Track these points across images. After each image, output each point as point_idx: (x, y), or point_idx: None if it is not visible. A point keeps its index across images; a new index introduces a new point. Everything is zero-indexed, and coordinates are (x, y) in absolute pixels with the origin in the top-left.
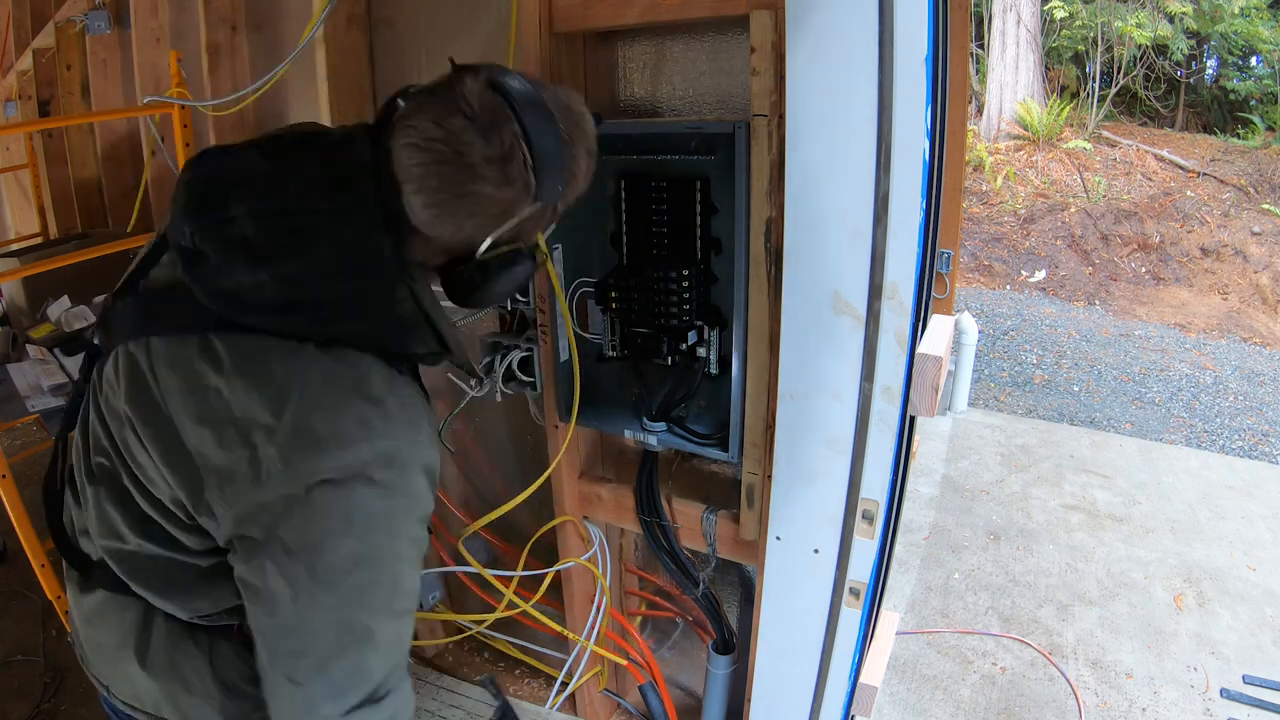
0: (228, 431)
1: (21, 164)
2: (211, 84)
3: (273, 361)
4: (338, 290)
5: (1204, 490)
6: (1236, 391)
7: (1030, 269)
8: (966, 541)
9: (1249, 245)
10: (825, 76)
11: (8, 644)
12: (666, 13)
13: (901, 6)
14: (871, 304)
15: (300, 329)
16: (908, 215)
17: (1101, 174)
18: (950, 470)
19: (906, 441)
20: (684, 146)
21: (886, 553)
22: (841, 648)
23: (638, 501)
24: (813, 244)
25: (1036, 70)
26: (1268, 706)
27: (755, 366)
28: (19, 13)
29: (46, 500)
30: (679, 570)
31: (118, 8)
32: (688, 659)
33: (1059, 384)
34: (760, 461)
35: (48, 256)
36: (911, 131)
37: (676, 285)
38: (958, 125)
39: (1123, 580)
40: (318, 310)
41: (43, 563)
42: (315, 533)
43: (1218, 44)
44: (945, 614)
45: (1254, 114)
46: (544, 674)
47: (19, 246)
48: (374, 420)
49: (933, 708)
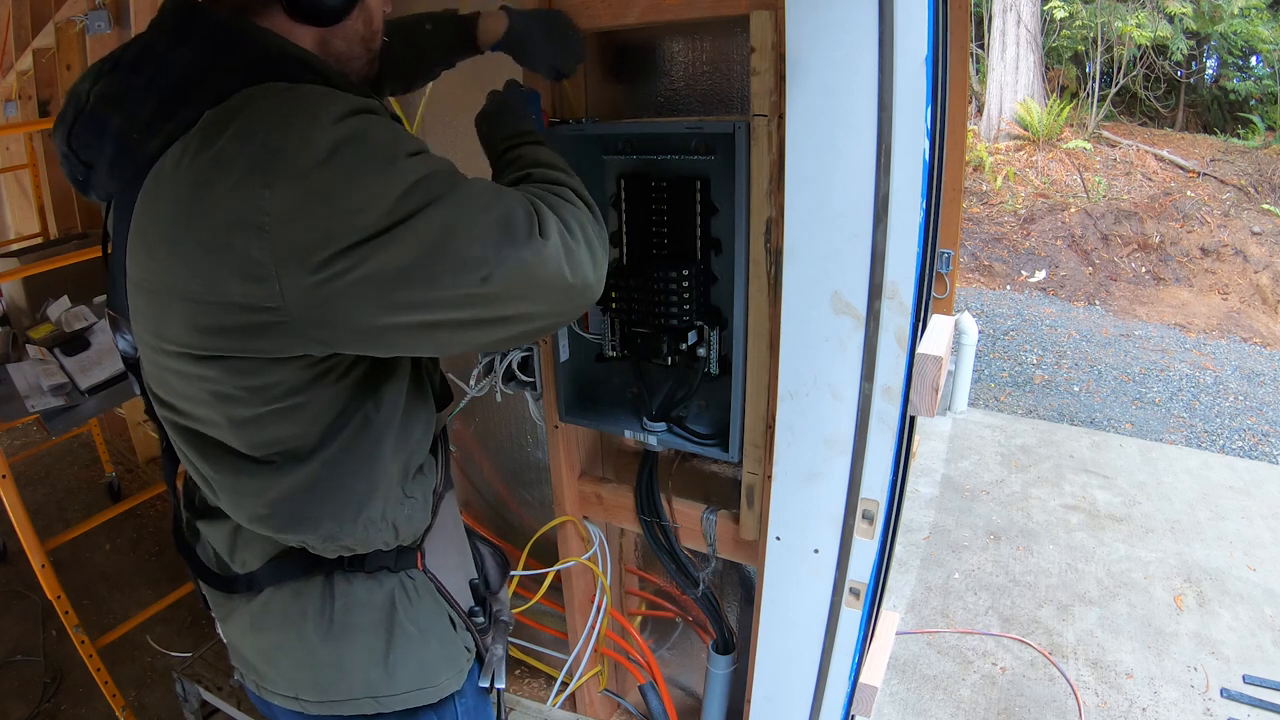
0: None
1: (21, 164)
2: None
3: (201, 137)
4: (203, 66)
5: (1204, 490)
6: (1236, 391)
7: (1030, 269)
8: (966, 541)
9: (1249, 245)
10: (825, 76)
11: (8, 644)
12: (667, 13)
13: (901, 6)
14: (871, 304)
15: (193, 111)
16: (908, 215)
17: (1101, 174)
18: (950, 470)
19: (906, 441)
20: (684, 146)
21: (886, 553)
22: (841, 648)
23: (638, 501)
24: (813, 244)
25: (1036, 70)
26: (1268, 706)
27: (755, 366)
28: (19, 13)
29: (180, 547)
30: (679, 570)
31: (118, 8)
32: (688, 659)
33: (1059, 384)
34: (760, 461)
35: (48, 256)
36: (911, 131)
37: (676, 285)
38: (958, 125)
39: (1123, 580)
40: (198, 87)
41: (43, 563)
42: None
43: (1217, 44)
44: (945, 614)
45: (1254, 114)
46: (544, 674)
47: (19, 246)
48: (314, 99)
49: (933, 708)
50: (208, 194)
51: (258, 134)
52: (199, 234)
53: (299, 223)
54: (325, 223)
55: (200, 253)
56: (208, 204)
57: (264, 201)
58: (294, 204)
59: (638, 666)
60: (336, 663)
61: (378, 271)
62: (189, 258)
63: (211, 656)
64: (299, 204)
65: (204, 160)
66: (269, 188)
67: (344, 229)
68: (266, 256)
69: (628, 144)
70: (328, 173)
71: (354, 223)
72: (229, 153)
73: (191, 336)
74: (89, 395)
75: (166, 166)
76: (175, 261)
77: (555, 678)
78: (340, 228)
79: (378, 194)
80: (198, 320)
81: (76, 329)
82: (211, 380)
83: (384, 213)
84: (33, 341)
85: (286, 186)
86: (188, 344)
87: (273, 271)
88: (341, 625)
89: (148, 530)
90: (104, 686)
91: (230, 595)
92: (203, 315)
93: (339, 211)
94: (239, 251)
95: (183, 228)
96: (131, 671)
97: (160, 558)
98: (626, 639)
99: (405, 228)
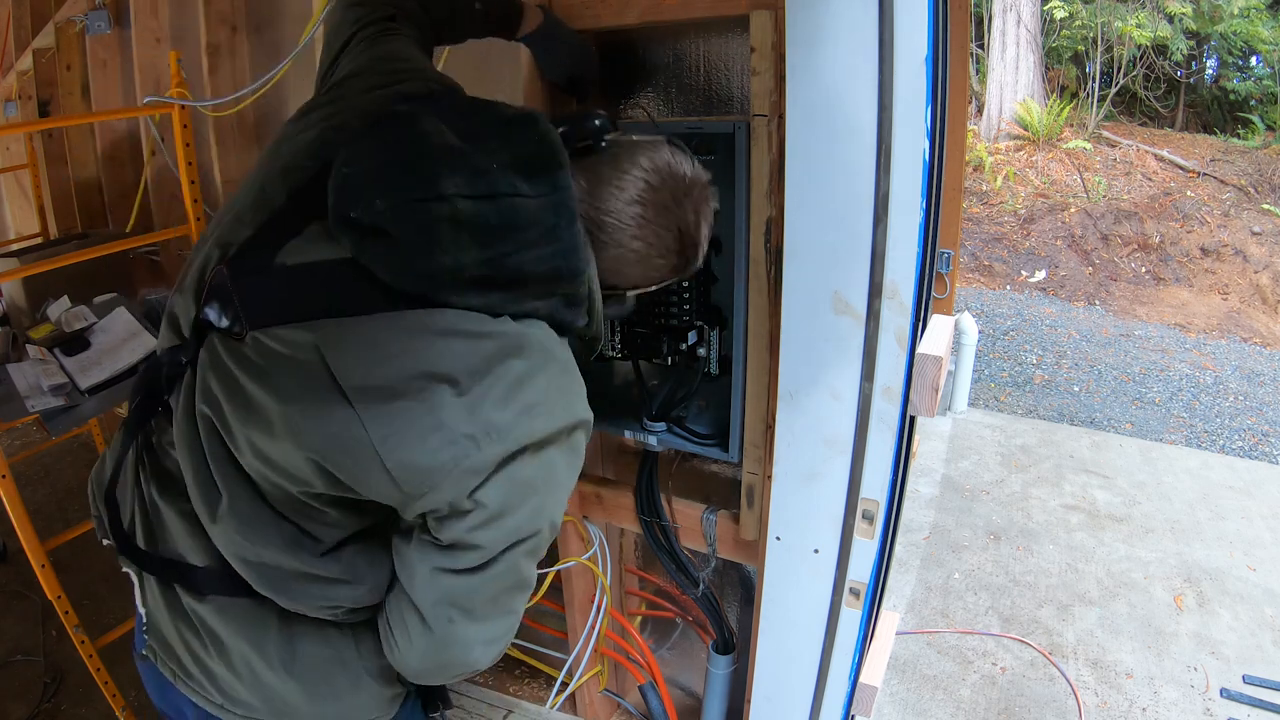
0: (427, 404)
1: (21, 164)
2: (211, 84)
3: (476, 331)
4: (540, 275)
5: (1204, 490)
6: (1236, 391)
7: (1030, 269)
8: (966, 541)
9: (1249, 245)
10: (825, 76)
11: (8, 644)
12: (667, 12)
13: (901, 6)
14: (871, 304)
15: (496, 307)
16: (908, 215)
17: (1101, 174)
18: (950, 470)
19: (906, 441)
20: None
21: (886, 553)
22: (841, 648)
23: (638, 501)
24: (813, 244)
25: (1036, 70)
26: (1268, 706)
27: (755, 366)
28: (19, 13)
29: (107, 500)
30: (679, 570)
31: (118, 8)
32: (688, 659)
33: (1059, 384)
34: (760, 461)
35: (48, 256)
36: (911, 131)
37: (676, 285)
38: (958, 125)
39: (1123, 580)
40: (516, 289)
41: (43, 563)
42: (515, 494)
43: (1217, 44)
44: (945, 614)
45: (1254, 114)
46: (544, 674)
47: (19, 246)
48: (569, 384)
49: (933, 708)
50: (440, 408)
51: (526, 402)
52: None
53: (488, 491)
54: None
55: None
56: (437, 416)
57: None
58: (500, 490)
59: (638, 666)
60: (284, 693)
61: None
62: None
63: None
64: (503, 489)
65: (468, 383)
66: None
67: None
68: (444, 500)
69: None
70: (540, 472)
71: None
72: (484, 400)
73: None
74: (89, 395)
75: (442, 328)
76: (366, 405)
77: (555, 678)
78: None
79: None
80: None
81: (76, 329)
82: (315, 480)
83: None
84: (33, 341)
85: (499, 477)
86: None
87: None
88: (306, 658)
89: None
90: (104, 686)
91: (166, 582)
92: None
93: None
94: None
95: (390, 398)
96: (131, 671)
97: None
98: (626, 639)
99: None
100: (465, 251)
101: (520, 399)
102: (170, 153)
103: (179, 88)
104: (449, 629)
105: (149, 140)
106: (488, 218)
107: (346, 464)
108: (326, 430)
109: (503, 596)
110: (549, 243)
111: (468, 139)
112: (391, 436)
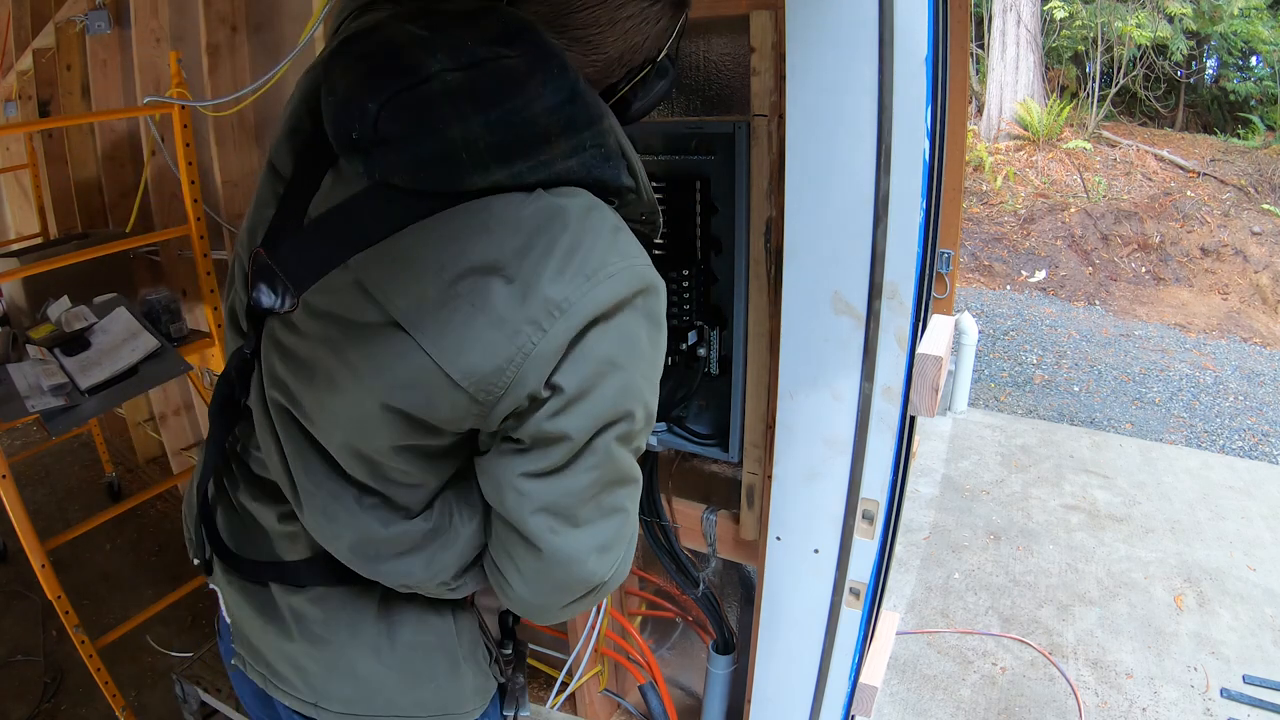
0: (479, 302)
1: (21, 164)
2: (211, 84)
3: (517, 214)
4: (556, 126)
5: (1204, 490)
6: (1236, 391)
7: (1030, 269)
8: (966, 541)
9: (1249, 245)
10: (825, 76)
11: (8, 644)
12: None
13: (901, 6)
14: (871, 304)
15: (525, 177)
16: (908, 215)
17: (1101, 174)
18: (950, 470)
19: (906, 441)
20: (684, 146)
21: (886, 553)
22: (841, 648)
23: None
24: (813, 244)
25: (1036, 70)
26: (1268, 706)
27: (755, 366)
28: (19, 13)
29: (203, 515)
30: (679, 570)
31: (118, 8)
32: (688, 659)
33: (1059, 384)
34: (760, 461)
35: (48, 256)
36: (911, 131)
37: (676, 285)
38: (958, 125)
39: (1123, 580)
40: (540, 149)
41: (43, 563)
42: (594, 373)
43: (1217, 44)
44: (945, 614)
45: (1254, 114)
46: (544, 674)
47: (19, 246)
48: (627, 246)
49: (933, 708)
50: (493, 301)
51: (583, 271)
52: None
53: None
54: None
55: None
56: (493, 311)
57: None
58: (577, 370)
59: (638, 666)
60: (380, 681)
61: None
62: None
63: (211, 658)
64: (580, 368)
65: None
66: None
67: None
68: (522, 395)
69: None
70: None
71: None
72: (538, 279)
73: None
74: (89, 395)
75: (481, 222)
76: (417, 324)
77: (555, 678)
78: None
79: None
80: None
81: (76, 329)
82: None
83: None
84: (33, 341)
85: (573, 356)
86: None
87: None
88: (406, 645)
89: (148, 530)
90: (104, 687)
91: (260, 582)
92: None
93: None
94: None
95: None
96: (131, 671)
97: (160, 558)
98: (626, 639)
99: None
100: (470, 119)
101: (576, 268)
102: (170, 153)
103: (179, 88)
104: (553, 541)
105: (149, 140)
106: (481, 82)
107: (416, 397)
108: (387, 364)
109: (605, 495)
110: (554, 91)
111: (434, 30)
112: (450, 348)
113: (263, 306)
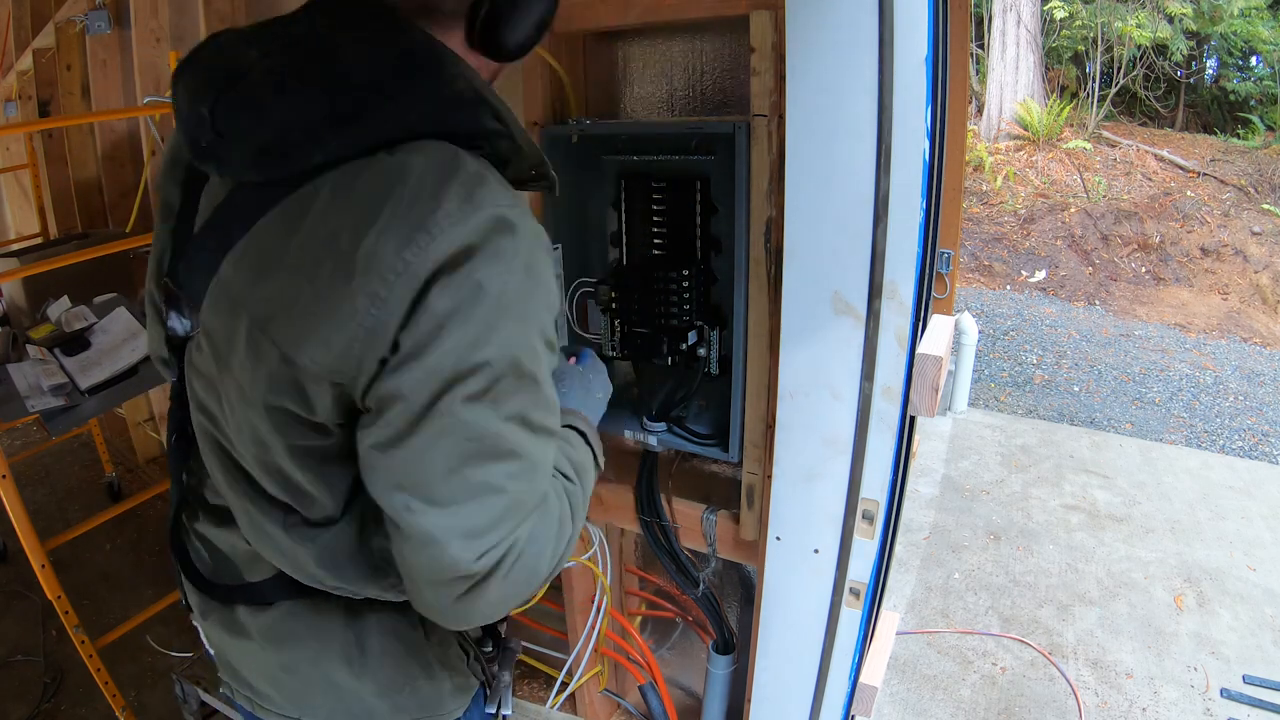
0: (322, 280)
1: (21, 164)
2: None
3: (353, 182)
4: (386, 82)
5: (1204, 490)
6: (1236, 391)
7: (1030, 269)
8: (966, 541)
9: (1249, 245)
10: (825, 76)
11: (8, 644)
12: (667, 13)
13: (901, 6)
14: (871, 304)
15: (365, 138)
16: (908, 215)
17: (1101, 174)
18: (950, 470)
19: (906, 441)
20: (684, 146)
21: (886, 553)
22: (841, 648)
23: (638, 501)
24: (813, 244)
25: (1036, 70)
26: (1268, 706)
27: (755, 366)
28: (19, 13)
29: (174, 547)
30: (679, 570)
31: (118, 8)
32: (688, 659)
33: (1059, 384)
34: (760, 461)
35: (48, 256)
36: (911, 131)
37: (676, 285)
38: (958, 125)
39: (1123, 580)
40: (372, 109)
41: (43, 563)
42: (432, 330)
43: (1217, 44)
44: (945, 614)
45: (1254, 114)
46: (544, 674)
47: (19, 246)
48: (484, 193)
49: (933, 708)
50: (334, 274)
51: (420, 224)
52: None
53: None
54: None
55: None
56: (335, 286)
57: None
58: (418, 329)
59: (638, 666)
60: (358, 691)
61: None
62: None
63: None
64: (421, 327)
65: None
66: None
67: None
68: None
69: (628, 144)
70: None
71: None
72: (378, 246)
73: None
74: (89, 395)
75: (321, 199)
76: (269, 321)
77: (555, 678)
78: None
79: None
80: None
81: (76, 329)
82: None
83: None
84: (33, 341)
85: (416, 318)
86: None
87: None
88: (376, 653)
89: (148, 530)
90: (104, 686)
91: (229, 605)
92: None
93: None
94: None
95: (312, 275)
96: (131, 671)
97: (160, 557)
98: (626, 639)
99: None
100: (293, 96)
101: (412, 223)
102: None
103: None
104: (409, 520)
105: (149, 140)
106: (298, 59)
107: (290, 394)
108: (258, 367)
109: (469, 470)
110: (380, 41)
111: (260, 26)
112: (299, 339)
113: (177, 334)
